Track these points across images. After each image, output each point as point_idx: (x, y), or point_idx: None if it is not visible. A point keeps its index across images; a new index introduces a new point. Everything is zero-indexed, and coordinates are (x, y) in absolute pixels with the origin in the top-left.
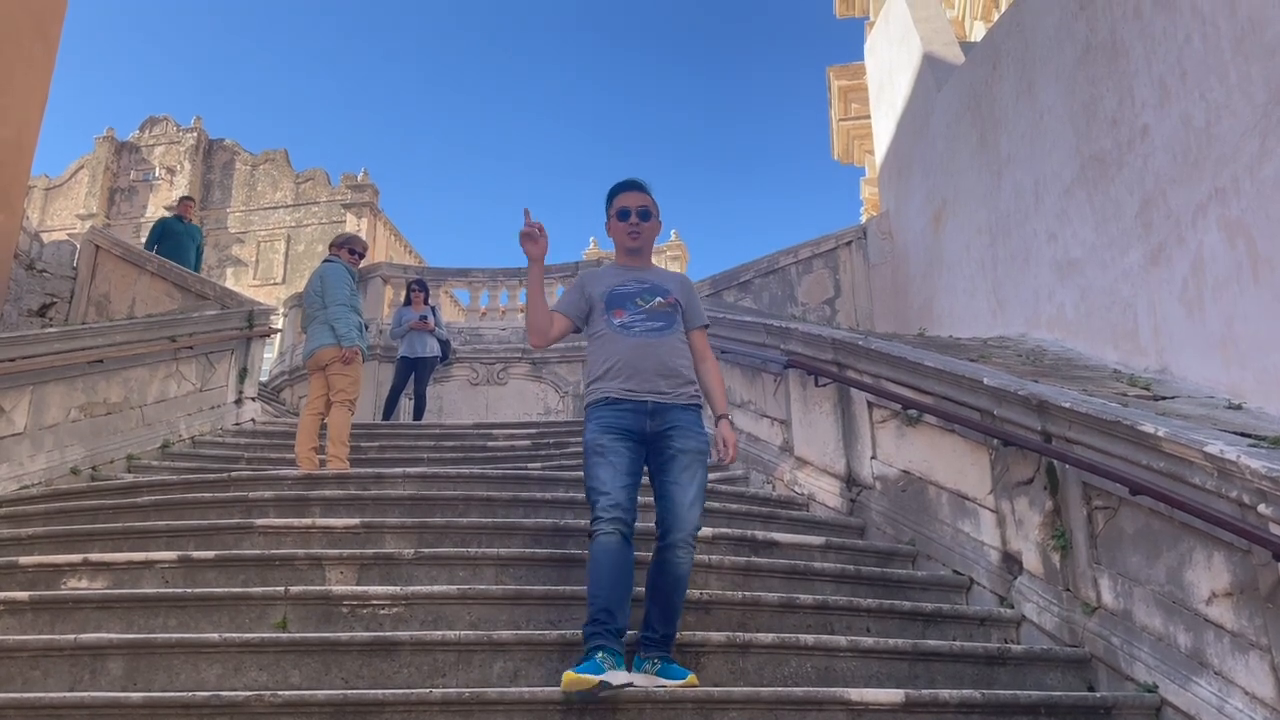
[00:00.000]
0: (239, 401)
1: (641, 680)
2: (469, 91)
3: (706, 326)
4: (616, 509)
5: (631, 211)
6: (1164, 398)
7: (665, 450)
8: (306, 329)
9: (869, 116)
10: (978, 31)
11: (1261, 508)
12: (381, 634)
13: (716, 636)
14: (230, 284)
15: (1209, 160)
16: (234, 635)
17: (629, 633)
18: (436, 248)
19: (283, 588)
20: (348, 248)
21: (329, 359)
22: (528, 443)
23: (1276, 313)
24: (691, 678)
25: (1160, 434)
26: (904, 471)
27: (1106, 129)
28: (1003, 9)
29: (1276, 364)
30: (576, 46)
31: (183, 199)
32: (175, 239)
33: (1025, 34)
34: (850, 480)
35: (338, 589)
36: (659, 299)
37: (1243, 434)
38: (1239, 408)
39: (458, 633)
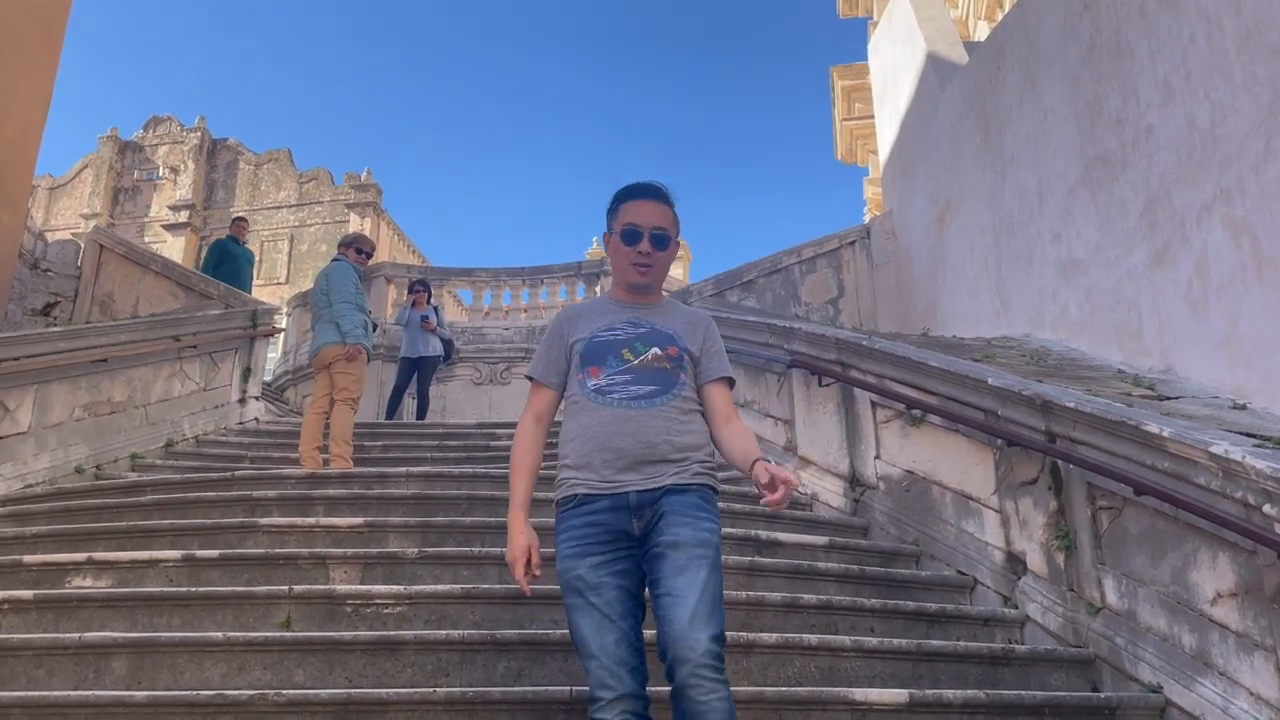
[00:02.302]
0: (243, 401)
1: None
2: (472, 91)
3: (730, 381)
4: (617, 683)
5: (643, 233)
6: (1168, 398)
7: (652, 548)
8: (313, 328)
9: (872, 116)
10: (981, 31)
11: (1267, 508)
12: (385, 633)
13: None
14: None
15: (1214, 160)
16: (238, 634)
17: None
18: (440, 247)
19: (286, 587)
20: (355, 247)
21: (333, 357)
22: None
23: None
24: None
25: (1165, 434)
26: (908, 471)
27: (1111, 129)
28: (1006, 9)
29: None
30: (580, 46)
31: (236, 220)
32: (234, 261)
33: (1029, 34)
34: (854, 480)
35: (341, 588)
36: (655, 350)
37: (1248, 434)
38: (1244, 408)
39: (461, 632)
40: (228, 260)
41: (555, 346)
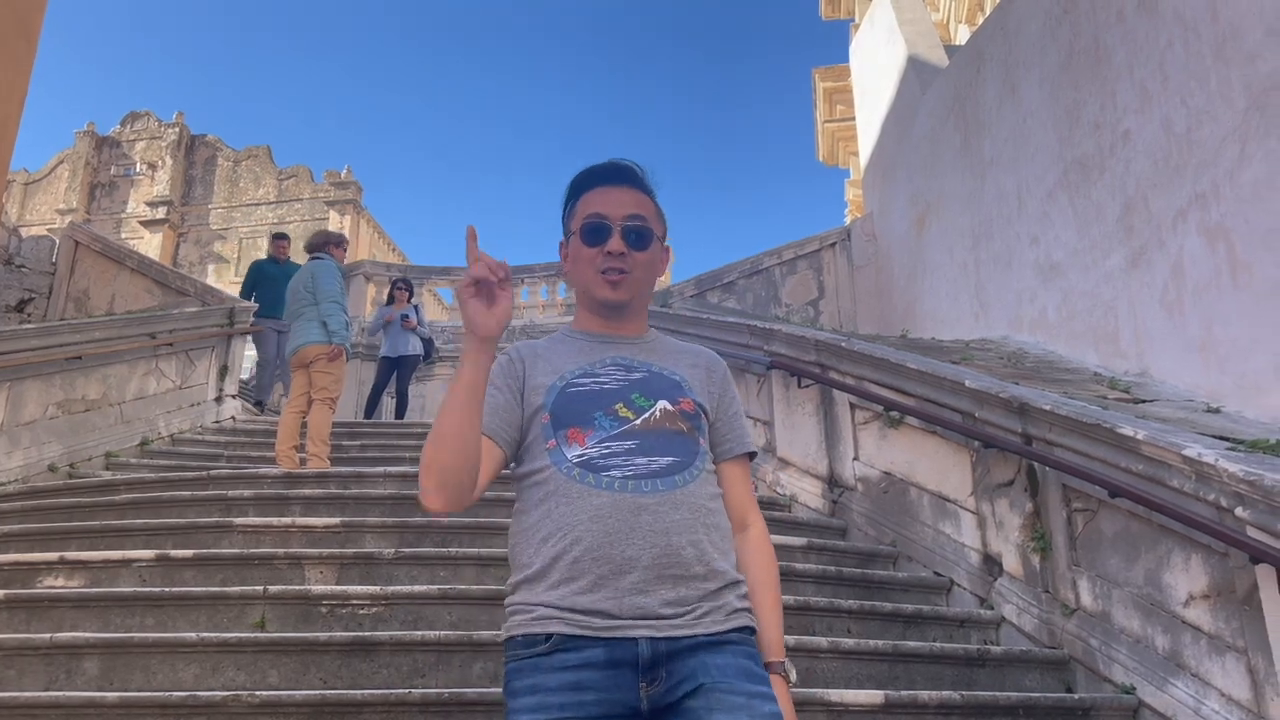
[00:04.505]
0: (219, 399)
1: None
2: (454, 90)
3: (752, 455)
4: None
5: (612, 226)
6: (1144, 401)
7: None
8: (291, 325)
9: (854, 118)
10: (962, 35)
11: (1239, 511)
12: (361, 634)
13: None
14: (212, 281)
15: (1189, 165)
16: (211, 635)
17: None
18: (420, 246)
19: (261, 587)
20: (334, 243)
21: (314, 356)
22: None
23: (1255, 317)
24: None
25: (1139, 437)
26: (886, 473)
27: (1089, 133)
28: (988, 12)
29: (1255, 368)
30: (561, 45)
31: (275, 238)
32: (271, 283)
33: (1009, 38)
34: (832, 481)
35: (317, 588)
36: (663, 404)
37: (1221, 437)
38: (1218, 411)
39: (438, 633)
40: (264, 282)
41: (507, 384)
